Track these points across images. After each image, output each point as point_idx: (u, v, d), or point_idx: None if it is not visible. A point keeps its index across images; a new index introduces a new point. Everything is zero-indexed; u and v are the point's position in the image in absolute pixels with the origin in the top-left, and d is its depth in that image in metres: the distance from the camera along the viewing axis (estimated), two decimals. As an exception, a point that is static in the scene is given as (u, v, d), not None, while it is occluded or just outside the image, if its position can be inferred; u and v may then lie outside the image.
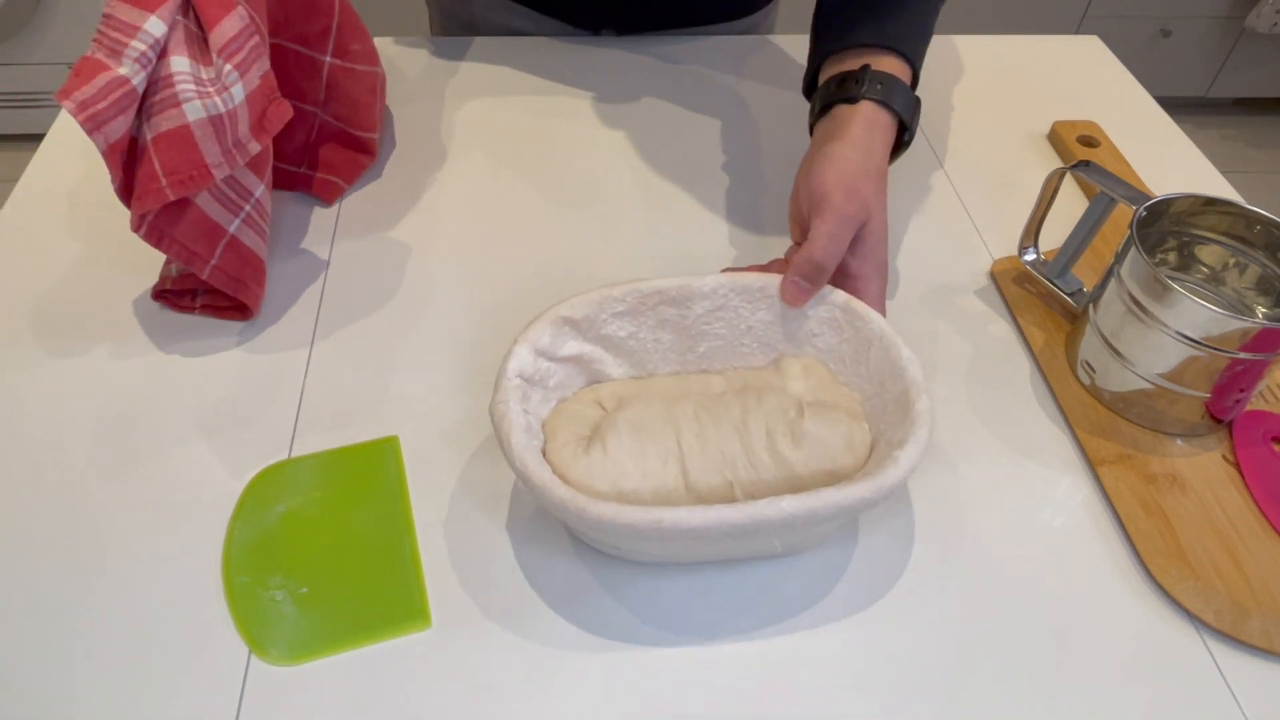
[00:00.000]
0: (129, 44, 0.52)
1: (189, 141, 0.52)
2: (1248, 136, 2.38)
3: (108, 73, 0.51)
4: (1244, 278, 0.59)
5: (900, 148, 0.62)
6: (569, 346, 0.52)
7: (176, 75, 0.53)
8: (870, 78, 0.60)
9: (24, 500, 0.52)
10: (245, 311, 0.62)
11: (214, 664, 0.46)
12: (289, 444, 0.55)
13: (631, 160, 0.77)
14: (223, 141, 0.54)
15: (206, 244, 0.57)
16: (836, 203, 0.55)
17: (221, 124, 0.53)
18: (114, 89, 0.51)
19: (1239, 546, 0.52)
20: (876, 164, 0.59)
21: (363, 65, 0.71)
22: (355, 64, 0.70)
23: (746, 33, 0.93)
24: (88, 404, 0.57)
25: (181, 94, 0.52)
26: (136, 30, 0.52)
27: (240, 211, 0.59)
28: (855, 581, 0.50)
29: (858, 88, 0.60)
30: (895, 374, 0.50)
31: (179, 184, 0.52)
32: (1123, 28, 2.15)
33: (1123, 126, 0.82)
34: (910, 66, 0.63)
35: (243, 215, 0.59)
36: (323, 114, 0.72)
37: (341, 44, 0.69)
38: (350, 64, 0.70)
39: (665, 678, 0.46)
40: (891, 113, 0.60)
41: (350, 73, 0.70)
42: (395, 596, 0.49)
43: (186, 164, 0.52)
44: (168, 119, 0.52)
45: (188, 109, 0.52)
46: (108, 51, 0.51)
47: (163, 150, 0.52)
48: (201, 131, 0.52)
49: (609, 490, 0.47)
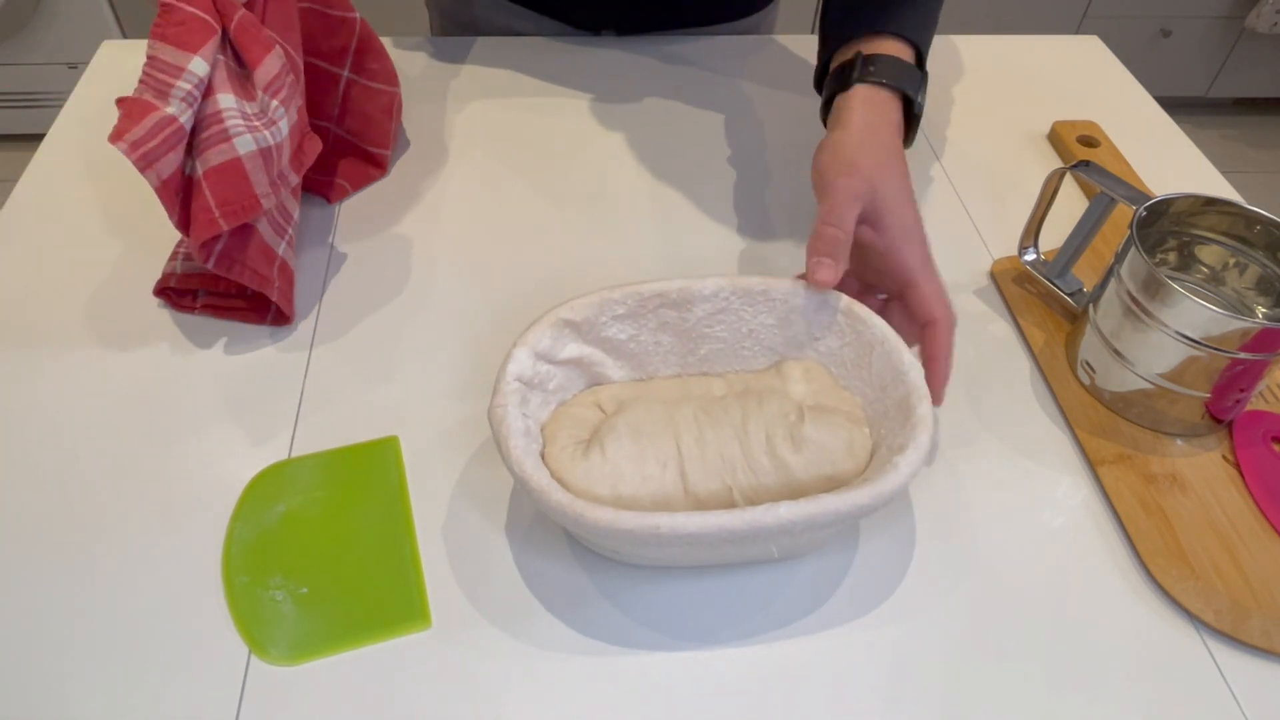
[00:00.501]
0: (175, 84, 0.54)
1: (240, 174, 0.54)
2: (1248, 136, 2.38)
3: (156, 112, 0.53)
4: (1244, 278, 0.59)
5: (912, 123, 0.62)
6: (569, 349, 0.52)
7: (225, 111, 0.55)
8: (862, 61, 0.61)
9: (24, 500, 0.52)
10: (248, 314, 0.62)
11: (214, 664, 0.46)
12: (289, 444, 0.55)
13: (632, 161, 0.77)
14: (270, 173, 0.56)
15: (268, 267, 0.59)
16: (833, 180, 0.56)
17: (270, 156, 0.56)
18: (163, 128, 0.53)
19: (1239, 546, 0.52)
20: (880, 140, 0.59)
21: (379, 84, 0.73)
22: (372, 81, 0.72)
23: (747, 33, 0.93)
24: (87, 404, 0.57)
25: (231, 129, 0.55)
26: (181, 71, 0.54)
27: (285, 235, 0.62)
28: (856, 585, 0.50)
29: (851, 74, 0.61)
30: (897, 379, 0.50)
31: (231, 214, 0.55)
32: (1123, 28, 2.15)
33: (1123, 126, 0.82)
34: (911, 46, 0.62)
35: (286, 238, 0.62)
36: (336, 128, 0.73)
37: (359, 62, 0.72)
38: (367, 81, 0.72)
39: (664, 682, 0.46)
40: (890, 89, 0.60)
41: (366, 90, 0.72)
42: (395, 597, 0.49)
43: (238, 195, 0.55)
44: (218, 153, 0.54)
45: (238, 143, 0.55)
46: (154, 92, 0.54)
47: (214, 183, 0.54)
48: (252, 164, 0.55)
49: (608, 494, 0.47)
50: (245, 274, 0.58)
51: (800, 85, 0.86)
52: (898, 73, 0.60)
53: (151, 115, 0.53)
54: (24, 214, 0.69)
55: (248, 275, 0.58)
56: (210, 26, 0.56)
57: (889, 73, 0.60)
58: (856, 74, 0.61)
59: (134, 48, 0.85)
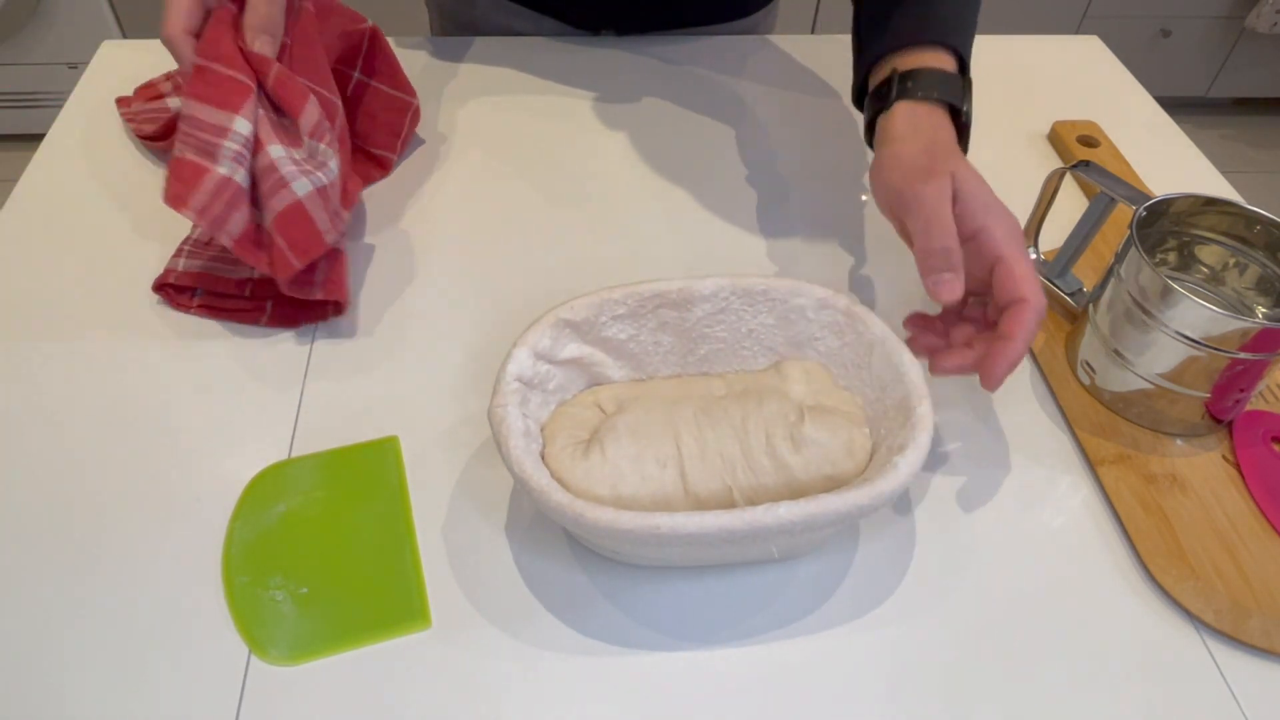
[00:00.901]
0: (222, 144, 0.56)
1: (304, 215, 0.58)
2: (1248, 136, 2.38)
3: (210, 175, 0.56)
4: (1244, 278, 0.59)
5: (964, 131, 0.59)
6: (569, 349, 0.52)
7: (278, 161, 0.58)
8: (899, 79, 0.59)
9: (24, 500, 0.52)
10: (243, 314, 0.62)
11: (214, 664, 0.46)
12: (289, 444, 0.55)
13: (632, 161, 0.77)
14: (328, 209, 0.59)
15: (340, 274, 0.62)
16: (918, 191, 0.53)
17: (325, 194, 0.59)
18: (222, 191, 0.56)
19: (1239, 546, 0.52)
20: (937, 141, 0.56)
21: (389, 87, 0.74)
22: (382, 84, 0.74)
23: (746, 33, 0.93)
24: (87, 404, 0.57)
25: (287, 176, 0.57)
26: (226, 131, 0.56)
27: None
28: (856, 585, 0.50)
29: (889, 95, 0.59)
30: (897, 379, 0.50)
31: (302, 253, 0.58)
32: (1123, 28, 2.15)
33: (1123, 126, 0.82)
34: (951, 52, 0.60)
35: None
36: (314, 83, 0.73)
37: (370, 64, 0.73)
38: (378, 84, 0.74)
39: (664, 682, 0.46)
40: (931, 102, 0.58)
41: (376, 92, 0.74)
42: (395, 597, 0.49)
43: (305, 235, 0.58)
44: (280, 199, 0.57)
45: (296, 187, 0.57)
46: (198, 152, 0.56)
47: (283, 227, 0.57)
48: (311, 203, 0.58)
49: (608, 494, 0.47)
50: (340, 291, 0.61)
51: (800, 85, 0.86)
52: (939, 84, 0.58)
53: (207, 178, 0.55)
54: (24, 214, 0.69)
55: (340, 292, 0.61)
56: (245, 86, 0.58)
57: (930, 86, 0.58)
58: (894, 93, 0.58)
59: (134, 48, 0.85)
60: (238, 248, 0.57)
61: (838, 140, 0.80)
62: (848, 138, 0.80)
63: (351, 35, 0.71)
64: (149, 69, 0.80)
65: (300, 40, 0.63)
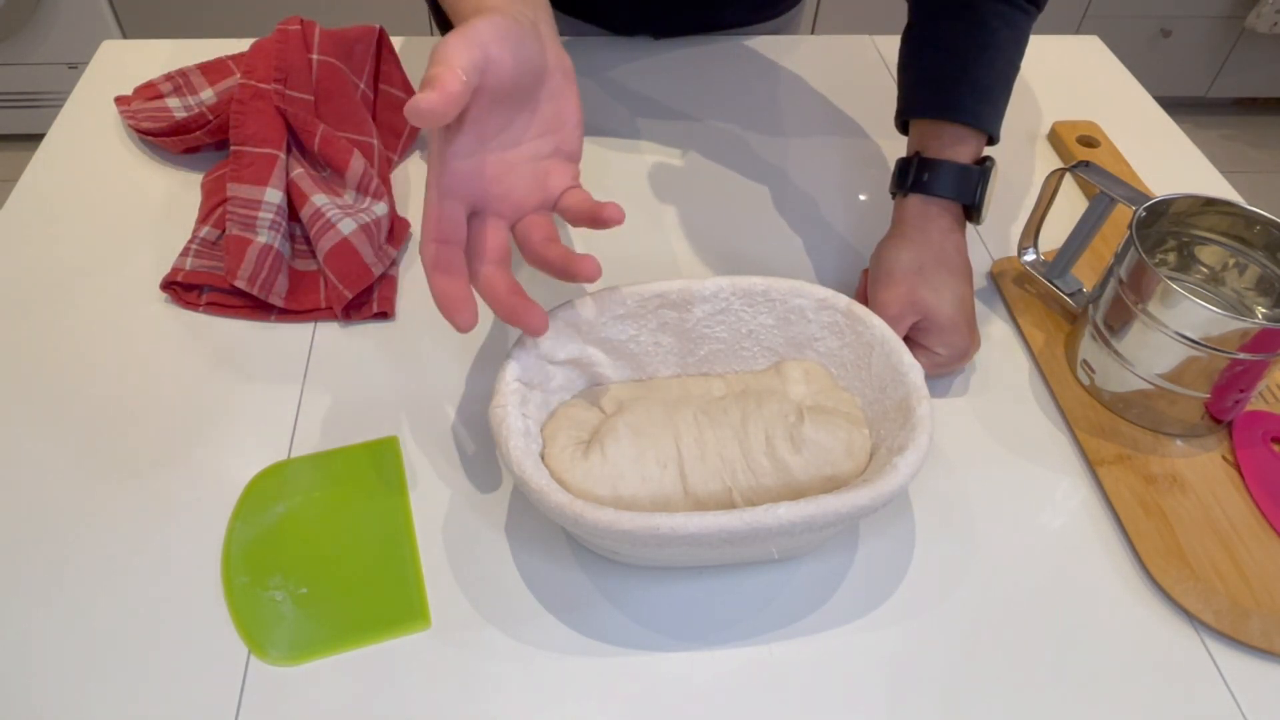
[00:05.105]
0: (257, 216, 0.63)
1: (350, 250, 0.62)
2: (1248, 136, 2.38)
3: (253, 245, 0.62)
4: (1244, 278, 0.59)
5: (974, 216, 0.62)
6: (569, 349, 0.52)
7: (323, 208, 0.64)
8: (917, 167, 0.61)
9: (24, 500, 0.52)
10: (250, 312, 0.63)
11: (213, 664, 0.46)
12: (289, 444, 0.55)
13: (632, 161, 0.77)
14: (374, 245, 0.64)
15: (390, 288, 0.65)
16: (881, 301, 0.58)
17: (371, 231, 0.64)
18: (265, 257, 0.62)
19: (1239, 546, 0.52)
20: (934, 254, 0.59)
21: (391, 87, 0.76)
22: (385, 86, 0.77)
23: (776, 34, 0.93)
24: (87, 404, 0.57)
25: (332, 218, 0.63)
26: (259, 204, 0.63)
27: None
28: (856, 585, 0.50)
29: (906, 180, 0.61)
30: (896, 379, 0.50)
31: (351, 285, 0.62)
32: (1123, 28, 2.15)
33: (1123, 126, 0.82)
34: (978, 130, 0.61)
35: None
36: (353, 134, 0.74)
37: (375, 69, 0.76)
38: (383, 86, 0.77)
39: (663, 682, 0.46)
40: (943, 199, 0.60)
41: (385, 96, 0.76)
42: (394, 597, 0.49)
43: (353, 268, 0.62)
44: (328, 239, 0.62)
45: (341, 226, 0.63)
46: (242, 226, 0.63)
47: (333, 263, 0.62)
48: (357, 240, 0.63)
49: (607, 495, 0.47)
50: (389, 306, 0.64)
51: (826, 85, 0.86)
52: (950, 183, 0.60)
53: (250, 249, 0.61)
54: (24, 214, 0.69)
55: (390, 306, 0.64)
56: (271, 156, 0.65)
57: (945, 184, 0.60)
58: (910, 180, 0.61)
59: (134, 48, 0.85)
60: (288, 303, 0.63)
61: (839, 141, 0.80)
62: (851, 139, 0.81)
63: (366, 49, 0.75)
64: (149, 69, 0.80)
65: (334, 94, 0.70)
